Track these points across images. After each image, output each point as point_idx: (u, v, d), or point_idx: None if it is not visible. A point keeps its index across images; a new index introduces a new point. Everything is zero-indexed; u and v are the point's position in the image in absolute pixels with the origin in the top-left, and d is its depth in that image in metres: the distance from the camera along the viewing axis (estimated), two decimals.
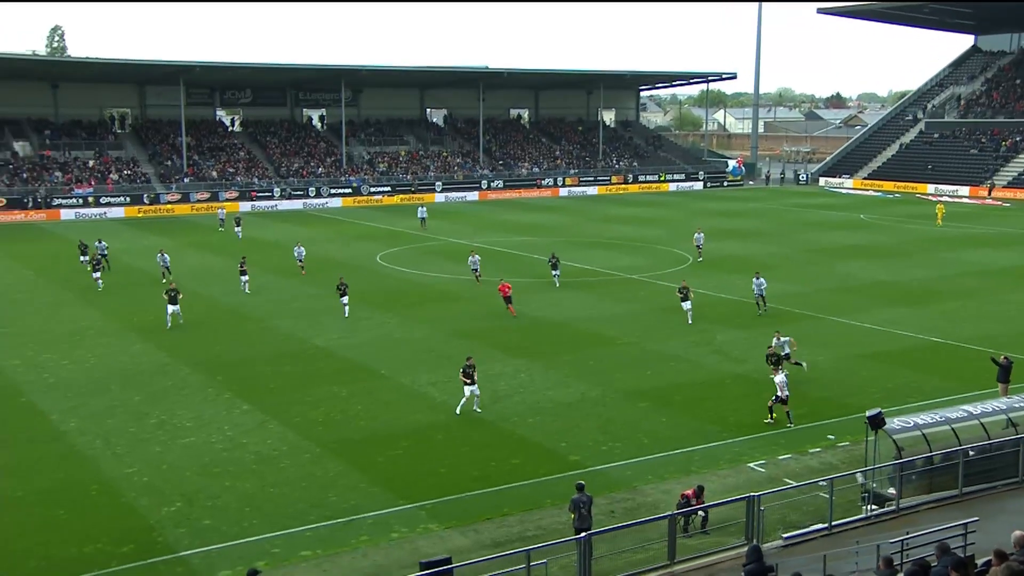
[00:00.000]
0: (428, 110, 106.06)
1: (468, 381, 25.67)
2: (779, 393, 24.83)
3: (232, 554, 17.76)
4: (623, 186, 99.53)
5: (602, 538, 15.92)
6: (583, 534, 15.12)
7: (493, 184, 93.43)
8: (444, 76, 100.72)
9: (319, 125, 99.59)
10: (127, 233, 66.14)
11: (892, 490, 18.29)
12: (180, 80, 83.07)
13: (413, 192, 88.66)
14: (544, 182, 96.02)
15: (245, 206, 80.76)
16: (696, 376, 28.44)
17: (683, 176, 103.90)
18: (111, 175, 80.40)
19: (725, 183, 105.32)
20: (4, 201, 72.96)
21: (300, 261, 46.85)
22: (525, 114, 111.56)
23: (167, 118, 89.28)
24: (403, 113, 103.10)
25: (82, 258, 49.09)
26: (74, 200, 75.74)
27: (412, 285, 45.29)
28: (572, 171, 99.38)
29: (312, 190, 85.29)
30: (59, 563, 17.36)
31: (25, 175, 77.11)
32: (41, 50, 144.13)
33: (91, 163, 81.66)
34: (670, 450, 23.30)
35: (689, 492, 18.31)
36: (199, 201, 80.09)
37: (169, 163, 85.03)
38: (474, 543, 18.14)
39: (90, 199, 76.24)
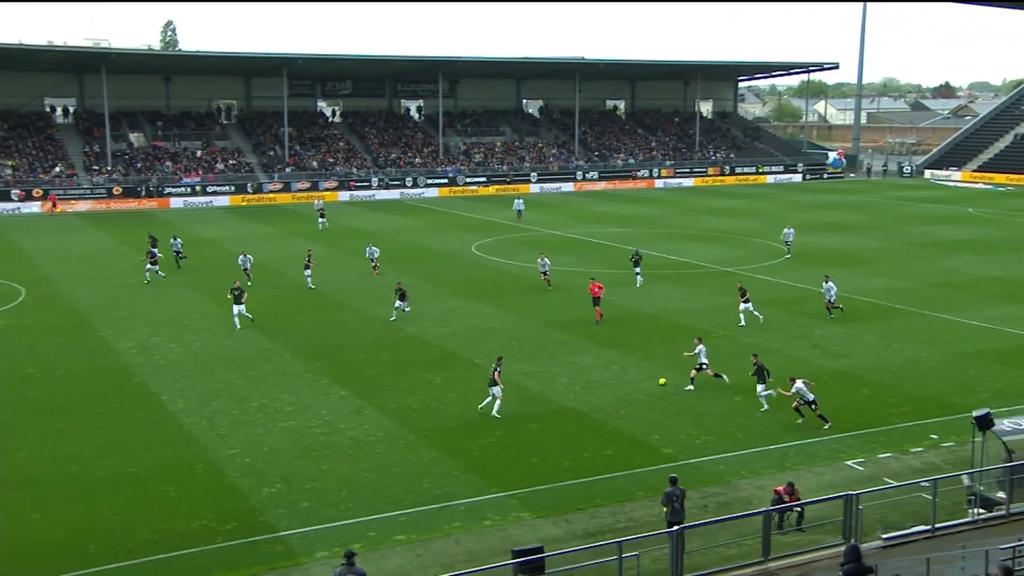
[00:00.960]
0: (524, 101, 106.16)
1: (494, 382, 24.84)
2: (804, 398, 23.87)
3: (329, 536, 18.21)
4: (719, 178, 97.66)
5: (695, 532, 15.72)
6: (676, 527, 14.95)
7: (588, 175, 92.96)
8: (540, 67, 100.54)
9: (416, 116, 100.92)
10: (230, 221, 68.42)
11: (1001, 494, 17.49)
12: (283, 72, 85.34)
13: (508, 183, 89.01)
14: (639, 173, 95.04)
15: (344, 196, 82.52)
16: (793, 371, 27.70)
17: (781, 168, 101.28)
18: (217, 164, 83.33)
19: (825, 175, 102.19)
20: (120, 190, 76.45)
21: (373, 261, 46.20)
22: (621, 105, 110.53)
23: (270, 109, 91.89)
24: (499, 104, 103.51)
25: (153, 250, 45.06)
26: (183, 189, 78.80)
27: (506, 276, 45.49)
28: (668, 162, 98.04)
29: (409, 180, 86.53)
30: (169, 537, 18.14)
31: (139, 164, 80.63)
32: (155, 45, 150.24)
33: (199, 153, 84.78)
34: (764, 445, 22.82)
35: (780, 488, 17.90)
36: (300, 191, 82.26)
37: (272, 153, 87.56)
38: (566, 533, 18.15)
39: (197, 188, 79.16)
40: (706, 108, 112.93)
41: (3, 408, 25.48)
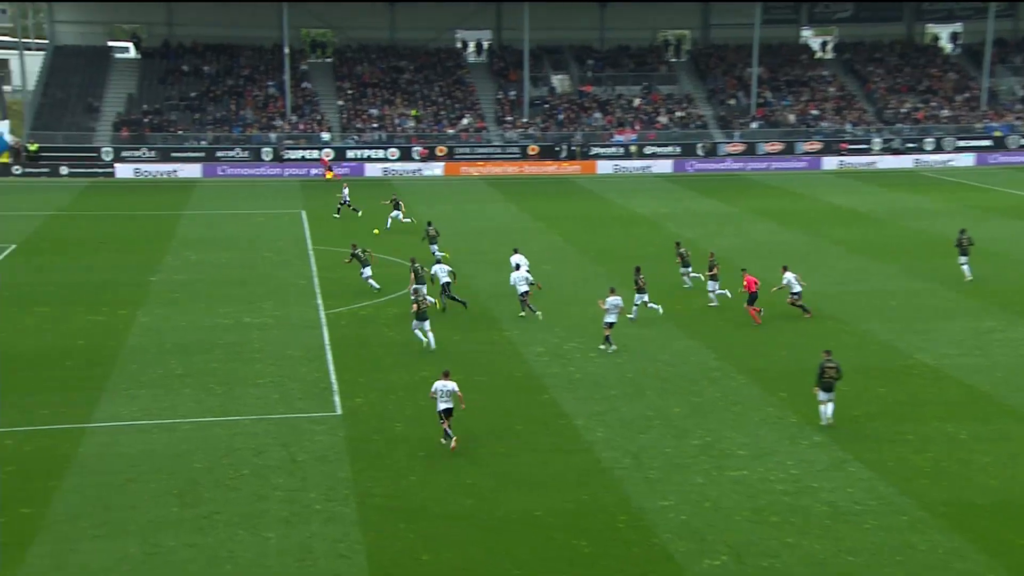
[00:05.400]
0: None
1: None
2: None
3: None
4: None
5: None
6: None
7: None
8: None
9: (949, 47, 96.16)
10: (673, 193, 70.85)
11: None
12: None
13: None
14: None
15: (830, 162, 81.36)
16: None
17: None
18: (659, 118, 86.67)
19: None
20: (537, 149, 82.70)
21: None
22: None
23: (735, 42, 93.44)
24: None
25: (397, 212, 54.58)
26: (613, 149, 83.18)
27: None
28: None
29: (929, 142, 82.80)
30: None
31: (561, 116, 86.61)
32: None
33: (636, 102, 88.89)
34: None
35: None
36: (771, 154, 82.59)
37: (732, 102, 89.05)
38: None
39: (632, 148, 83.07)
40: None
41: (394, 418, 28.65)
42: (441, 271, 39.54)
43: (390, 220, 55.16)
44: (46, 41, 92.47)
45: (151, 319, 38.26)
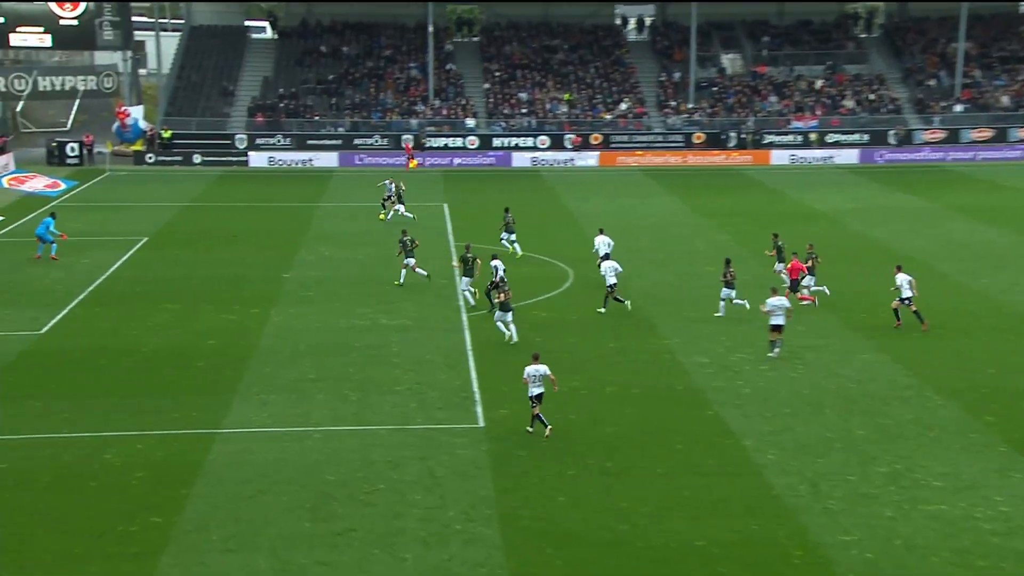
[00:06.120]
0: None
1: None
2: None
3: None
4: None
5: None
6: None
7: None
8: None
9: None
10: (857, 186, 69.65)
11: None
12: None
13: None
14: None
15: None
16: None
17: None
18: (844, 101, 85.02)
19: None
20: (703, 137, 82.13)
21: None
22: None
23: (938, 13, 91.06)
24: None
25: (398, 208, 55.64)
26: (790, 137, 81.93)
27: None
28: None
29: None
30: None
31: (731, 100, 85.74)
32: None
33: (818, 84, 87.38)
34: None
35: None
36: (978, 142, 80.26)
37: (932, 83, 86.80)
38: None
39: (812, 136, 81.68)
40: None
41: (541, 431, 28.65)
42: (500, 267, 40.03)
43: (391, 211, 57.00)
44: (182, 21, 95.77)
45: (284, 318, 39.21)
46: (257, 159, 79.22)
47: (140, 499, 24.51)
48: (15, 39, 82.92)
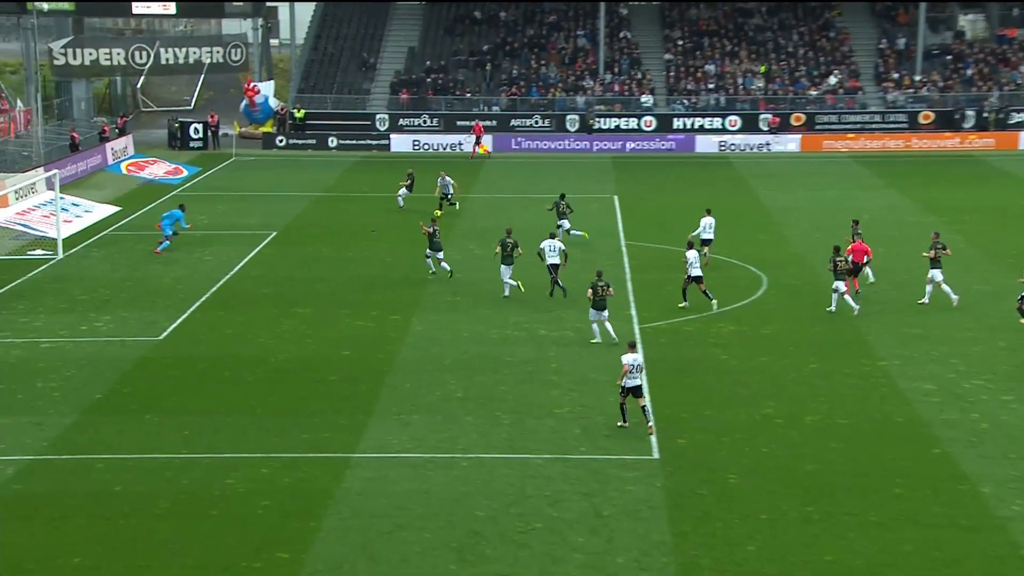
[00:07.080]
0: None
1: None
2: None
3: None
4: None
5: None
6: None
7: None
8: None
9: None
10: None
11: None
12: None
13: None
14: None
15: None
16: None
17: None
18: None
19: None
20: (932, 116, 79.95)
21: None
22: None
23: None
24: None
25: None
26: None
27: None
28: None
29: None
30: None
31: (970, 71, 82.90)
32: None
33: None
34: None
35: None
36: None
37: None
38: None
39: None
40: None
41: (727, 467, 28.16)
42: (550, 249, 41.81)
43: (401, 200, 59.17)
44: None
45: (427, 327, 39.39)
46: (400, 142, 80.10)
47: (265, 531, 24.73)
48: (137, 7, 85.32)
